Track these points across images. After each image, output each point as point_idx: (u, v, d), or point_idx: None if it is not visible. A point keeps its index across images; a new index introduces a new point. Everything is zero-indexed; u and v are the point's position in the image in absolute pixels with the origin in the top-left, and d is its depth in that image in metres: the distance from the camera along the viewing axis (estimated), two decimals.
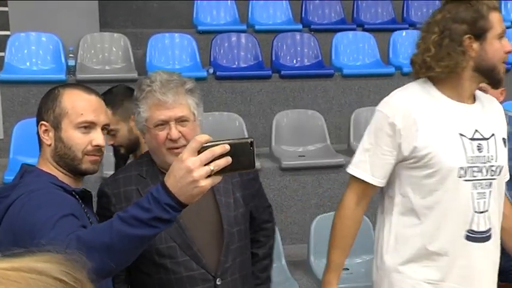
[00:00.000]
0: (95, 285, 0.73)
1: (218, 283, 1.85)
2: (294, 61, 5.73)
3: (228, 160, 1.25)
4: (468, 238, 1.89)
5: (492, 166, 1.90)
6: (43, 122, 1.64)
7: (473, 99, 1.98)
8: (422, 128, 1.88)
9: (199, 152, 1.26)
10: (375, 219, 2.25)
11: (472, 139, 1.89)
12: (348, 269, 3.85)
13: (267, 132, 4.93)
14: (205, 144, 1.26)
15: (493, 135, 1.93)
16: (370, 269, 2.19)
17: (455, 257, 1.91)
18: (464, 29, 1.87)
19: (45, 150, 1.65)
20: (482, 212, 1.88)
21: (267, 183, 4.42)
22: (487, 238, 1.91)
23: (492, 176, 1.90)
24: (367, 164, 1.98)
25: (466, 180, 1.87)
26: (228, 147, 1.26)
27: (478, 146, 1.89)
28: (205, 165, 1.25)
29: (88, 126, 1.62)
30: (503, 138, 1.98)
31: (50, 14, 5.33)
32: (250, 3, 6.34)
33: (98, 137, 1.63)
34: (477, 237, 1.90)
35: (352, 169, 2.03)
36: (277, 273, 3.72)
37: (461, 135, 1.89)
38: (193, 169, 1.24)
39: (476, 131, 1.91)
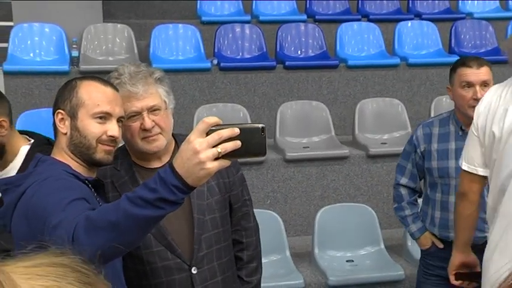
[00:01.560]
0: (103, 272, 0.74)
1: (194, 272, 1.84)
2: (299, 52, 5.70)
3: (236, 144, 1.23)
4: None
5: None
6: (60, 111, 1.67)
7: None
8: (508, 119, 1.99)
9: (207, 134, 1.23)
10: (379, 211, 2.24)
11: None
12: (353, 261, 3.85)
13: (271, 123, 4.90)
14: (214, 127, 1.23)
15: None
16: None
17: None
18: None
19: (61, 140, 1.68)
20: None
21: (271, 175, 4.44)
22: None
23: None
24: None
25: None
26: (237, 130, 1.23)
27: None
28: (214, 147, 1.23)
29: (104, 117, 1.65)
30: None
31: (53, 5, 5.32)
32: None
33: (113, 128, 1.65)
34: None
35: None
36: (281, 265, 3.77)
37: None
38: (200, 150, 1.22)
39: None
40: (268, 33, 5.69)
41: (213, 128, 1.23)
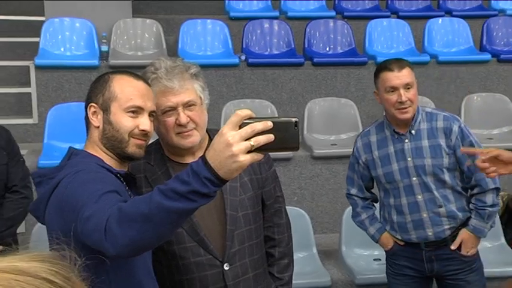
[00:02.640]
0: (87, 283, 0.69)
1: (226, 268, 1.84)
2: (327, 48, 5.67)
3: (269, 137, 1.21)
4: None
5: None
6: (92, 104, 1.68)
7: None
8: None
9: (240, 127, 1.22)
10: None
11: None
12: (380, 260, 3.81)
13: (299, 120, 4.87)
14: (247, 120, 1.22)
15: None
16: None
17: None
18: None
19: (93, 133, 1.69)
20: None
21: (298, 172, 4.42)
22: None
23: None
24: None
25: None
26: (270, 124, 1.22)
27: None
28: (246, 140, 1.22)
29: (136, 111, 1.65)
30: None
31: (84, 0, 5.37)
32: None
33: (144, 122, 1.66)
34: None
35: None
36: (308, 263, 3.73)
37: None
38: (233, 143, 1.21)
39: None
40: (297, 30, 5.66)
41: (246, 121, 1.22)
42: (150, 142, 1.81)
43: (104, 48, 5.17)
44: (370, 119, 5.20)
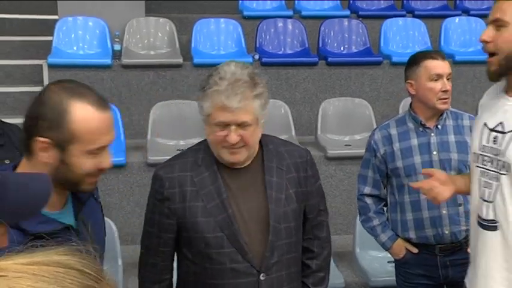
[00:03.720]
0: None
1: (262, 278, 1.81)
2: (342, 48, 5.63)
3: None
4: (478, 222, 1.97)
5: (500, 160, 1.90)
6: (41, 139, 1.35)
7: None
8: (477, 117, 2.07)
9: None
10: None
11: (492, 130, 1.94)
12: (394, 261, 3.76)
13: (313, 120, 4.86)
14: None
15: (510, 131, 1.90)
16: None
17: (472, 236, 2.05)
18: None
19: (36, 163, 1.39)
20: (487, 201, 1.93)
21: None
22: (493, 228, 1.92)
23: (500, 170, 1.89)
24: None
25: (477, 166, 1.97)
26: None
27: (494, 138, 1.93)
28: None
29: (100, 149, 1.41)
30: None
31: None
32: None
33: (107, 160, 1.43)
34: (483, 224, 1.95)
35: None
36: None
37: (484, 124, 1.97)
38: None
39: (500, 123, 1.92)
40: (311, 29, 5.62)
41: None
42: (199, 141, 1.80)
43: (117, 47, 5.17)
44: (385, 119, 5.10)
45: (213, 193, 1.81)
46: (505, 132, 1.90)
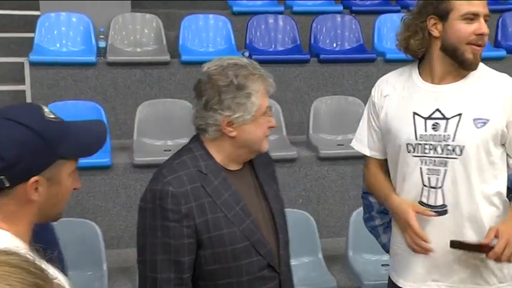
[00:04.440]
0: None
1: (282, 278, 1.81)
2: (334, 45, 5.60)
3: None
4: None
5: (448, 145, 1.97)
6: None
7: (460, 78, 2.01)
8: (386, 105, 2.08)
9: None
10: None
11: (429, 118, 1.99)
12: (389, 265, 3.69)
13: (304, 119, 4.83)
14: None
15: (458, 115, 1.97)
16: None
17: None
18: (429, 11, 2.00)
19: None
20: (434, 188, 2.00)
21: (303, 173, 4.36)
22: (443, 212, 2.00)
23: (448, 155, 1.97)
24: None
25: (414, 156, 2.01)
26: None
27: (433, 126, 1.98)
28: None
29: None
30: (476, 119, 1.97)
31: None
32: None
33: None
34: (433, 210, 2.00)
35: None
36: (313, 268, 3.72)
37: (415, 113, 2.01)
38: None
39: (437, 110, 1.99)
40: (302, 25, 5.59)
41: None
42: (186, 146, 1.77)
43: (102, 44, 5.07)
44: None
45: (230, 201, 1.72)
46: (448, 118, 1.97)
